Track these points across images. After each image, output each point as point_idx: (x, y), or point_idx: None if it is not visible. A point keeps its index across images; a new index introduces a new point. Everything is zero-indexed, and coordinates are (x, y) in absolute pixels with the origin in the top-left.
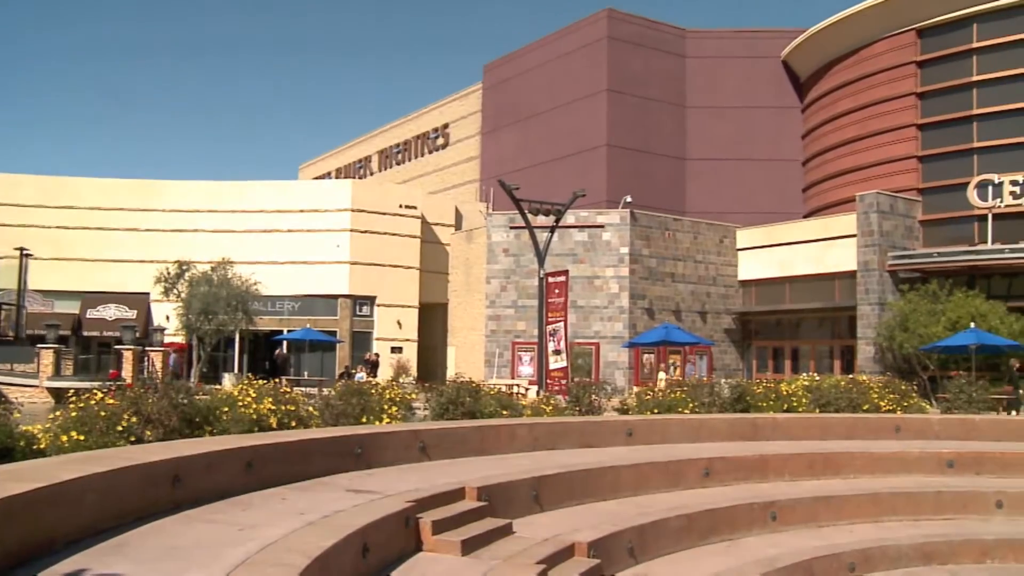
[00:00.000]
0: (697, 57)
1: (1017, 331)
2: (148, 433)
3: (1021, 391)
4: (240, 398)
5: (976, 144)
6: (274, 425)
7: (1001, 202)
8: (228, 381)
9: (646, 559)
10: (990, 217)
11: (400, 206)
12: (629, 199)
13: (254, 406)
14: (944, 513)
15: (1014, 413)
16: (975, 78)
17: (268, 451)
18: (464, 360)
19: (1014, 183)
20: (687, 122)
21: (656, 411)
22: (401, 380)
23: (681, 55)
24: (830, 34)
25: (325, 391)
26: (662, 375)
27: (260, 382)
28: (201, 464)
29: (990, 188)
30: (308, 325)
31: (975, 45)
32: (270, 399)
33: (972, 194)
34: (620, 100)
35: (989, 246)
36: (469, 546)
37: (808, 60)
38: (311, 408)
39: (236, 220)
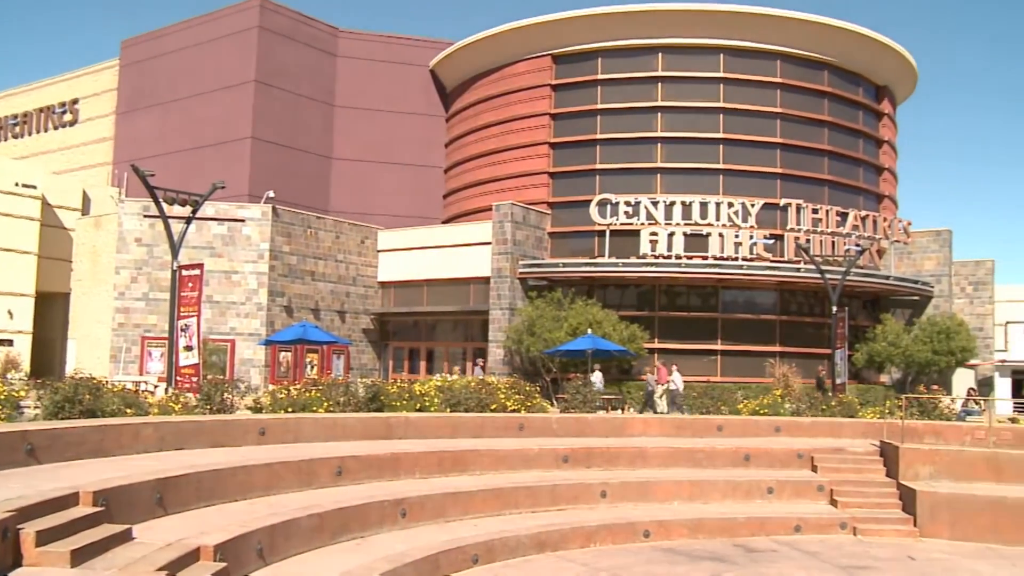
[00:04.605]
0: (348, 57)
1: (626, 337)
2: None
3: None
4: None
5: (599, 166)
6: None
7: (617, 220)
8: None
9: (276, 560)
10: (608, 233)
11: (16, 184)
12: (272, 194)
13: None
14: (558, 504)
15: (619, 412)
16: (599, 106)
17: None
18: (88, 355)
19: (628, 203)
20: (335, 121)
21: (290, 410)
22: (9, 376)
23: (333, 54)
24: (476, 49)
25: None
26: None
27: None
28: None
29: (608, 207)
30: None
31: (600, 77)
32: None
33: (594, 211)
34: (268, 93)
35: (606, 259)
36: (80, 556)
37: (455, 72)
38: None
39: None
